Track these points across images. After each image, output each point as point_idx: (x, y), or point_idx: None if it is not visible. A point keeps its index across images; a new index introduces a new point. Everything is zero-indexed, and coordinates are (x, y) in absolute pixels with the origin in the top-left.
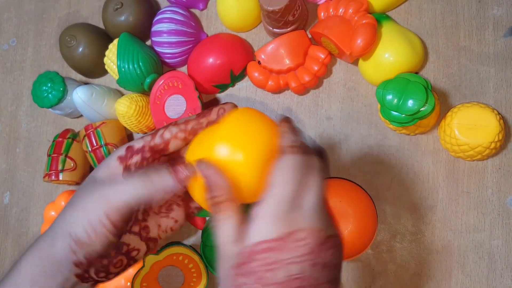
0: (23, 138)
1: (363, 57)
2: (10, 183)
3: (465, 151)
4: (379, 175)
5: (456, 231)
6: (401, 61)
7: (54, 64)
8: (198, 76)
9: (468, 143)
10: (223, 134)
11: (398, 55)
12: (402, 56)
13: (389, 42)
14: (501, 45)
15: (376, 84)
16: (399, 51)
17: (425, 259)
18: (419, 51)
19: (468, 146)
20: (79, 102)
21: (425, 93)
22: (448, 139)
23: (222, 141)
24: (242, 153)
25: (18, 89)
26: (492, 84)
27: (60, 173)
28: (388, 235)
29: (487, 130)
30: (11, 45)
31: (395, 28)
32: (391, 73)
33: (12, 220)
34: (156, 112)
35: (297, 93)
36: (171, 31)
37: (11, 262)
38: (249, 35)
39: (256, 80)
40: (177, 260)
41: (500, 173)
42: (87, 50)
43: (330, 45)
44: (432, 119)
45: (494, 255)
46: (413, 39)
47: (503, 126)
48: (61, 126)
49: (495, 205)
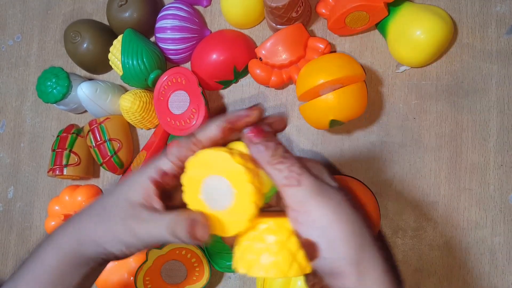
0: (28, 133)
1: (395, 41)
2: (15, 178)
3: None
4: (381, 171)
5: (458, 228)
6: (434, 34)
7: (58, 60)
8: (202, 72)
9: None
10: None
11: (430, 30)
12: (434, 29)
13: (418, 19)
14: (504, 42)
15: (416, 66)
16: (430, 25)
17: (426, 255)
18: (448, 21)
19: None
20: (83, 98)
21: None
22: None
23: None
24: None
25: (23, 84)
26: (495, 81)
27: (64, 167)
28: (390, 231)
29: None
30: (16, 41)
31: (417, 6)
32: (428, 49)
33: (16, 215)
34: (159, 108)
35: None
36: (175, 28)
37: (15, 256)
38: (253, 31)
39: (258, 77)
40: (180, 255)
41: (502, 170)
42: (92, 46)
43: (357, 18)
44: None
45: (495, 252)
46: (438, 11)
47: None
48: (65, 121)
49: (497, 202)
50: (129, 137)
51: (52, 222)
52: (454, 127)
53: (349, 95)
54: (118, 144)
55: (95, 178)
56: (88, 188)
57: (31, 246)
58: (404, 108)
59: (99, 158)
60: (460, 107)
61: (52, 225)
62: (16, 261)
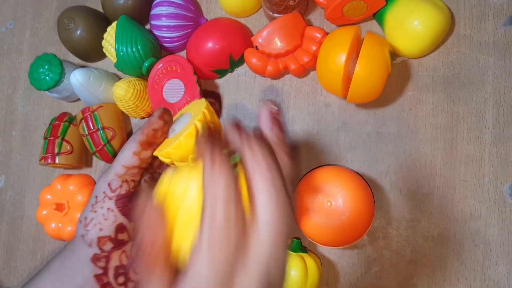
0: (19, 121)
1: (392, 31)
2: (6, 167)
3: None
4: (376, 162)
5: (452, 219)
6: (432, 25)
7: (51, 47)
8: (197, 61)
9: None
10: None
11: (427, 21)
12: (431, 20)
13: (415, 9)
14: (501, 34)
15: (413, 57)
16: (427, 16)
17: (420, 246)
18: (446, 11)
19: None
20: (76, 85)
21: None
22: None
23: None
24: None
25: (15, 72)
26: (491, 73)
27: (56, 156)
28: (384, 222)
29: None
30: (9, 28)
31: None
32: (425, 39)
33: (8, 204)
34: (154, 96)
35: (297, 75)
36: (170, 15)
37: (5, 245)
38: (249, 20)
39: (254, 66)
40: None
41: (497, 162)
42: (85, 33)
43: (354, 7)
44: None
45: (489, 243)
46: (436, 1)
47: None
48: (57, 109)
49: (491, 194)
50: (122, 126)
51: (43, 211)
52: (450, 118)
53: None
54: (111, 133)
55: (87, 167)
56: (80, 177)
57: (23, 235)
58: (400, 99)
59: (92, 146)
60: (456, 99)
61: (44, 214)
62: (7, 250)
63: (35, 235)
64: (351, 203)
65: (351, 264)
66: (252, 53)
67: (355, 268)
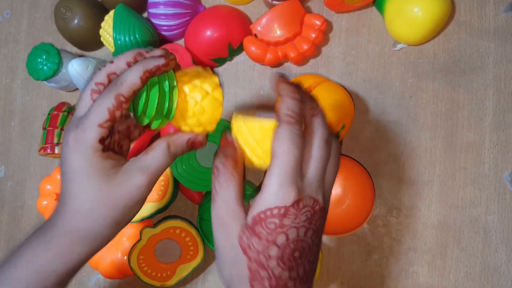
0: (18, 111)
1: (392, 18)
2: (5, 157)
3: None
4: (376, 150)
5: (452, 206)
6: (432, 12)
7: (49, 37)
8: (196, 49)
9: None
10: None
11: (427, 7)
12: (431, 7)
13: None
14: (502, 20)
15: (413, 44)
16: (427, 2)
17: (420, 234)
18: None
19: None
20: (74, 75)
21: None
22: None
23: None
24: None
25: (13, 62)
26: (492, 60)
27: (55, 146)
28: (385, 209)
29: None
30: (5, 17)
31: None
32: (425, 26)
33: (8, 194)
34: None
35: (296, 63)
36: (168, 3)
37: (6, 235)
38: (248, 7)
39: (253, 55)
40: (174, 234)
41: (497, 149)
42: (83, 22)
43: None
44: None
45: (489, 230)
46: None
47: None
48: (56, 99)
49: (491, 181)
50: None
51: (44, 201)
52: (450, 105)
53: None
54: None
55: None
56: None
57: (23, 226)
58: (400, 86)
59: None
60: (457, 86)
61: (44, 204)
62: (8, 241)
63: (36, 225)
64: (351, 191)
65: (352, 252)
66: (251, 41)
67: (356, 255)
